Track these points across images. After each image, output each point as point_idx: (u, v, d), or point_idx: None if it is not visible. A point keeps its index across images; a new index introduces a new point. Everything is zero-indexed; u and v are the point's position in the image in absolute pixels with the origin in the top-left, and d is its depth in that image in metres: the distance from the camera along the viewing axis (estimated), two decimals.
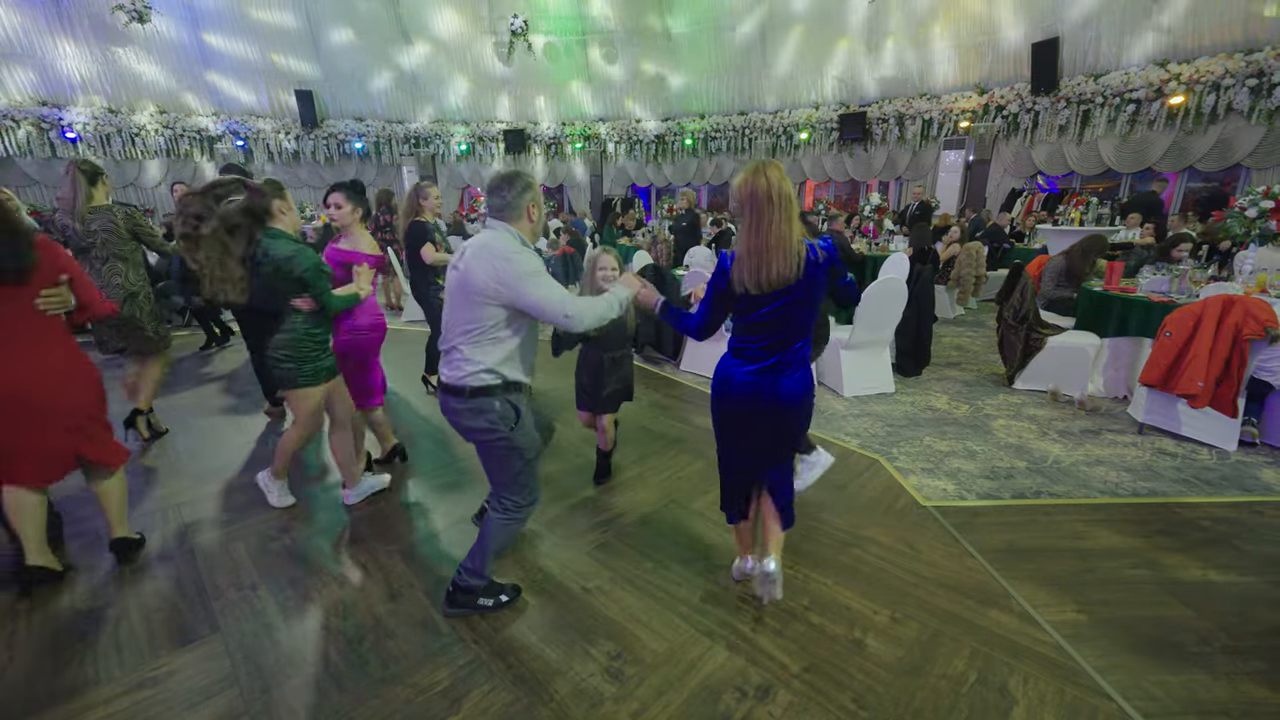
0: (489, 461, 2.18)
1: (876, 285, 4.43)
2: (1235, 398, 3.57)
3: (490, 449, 2.12)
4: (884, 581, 2.49)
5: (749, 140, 13.94)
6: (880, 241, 8.51)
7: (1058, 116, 9.94)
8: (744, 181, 1.92)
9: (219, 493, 3.26)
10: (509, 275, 1.93)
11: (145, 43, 12.12)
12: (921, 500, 3.14)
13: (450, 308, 2.05)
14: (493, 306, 1.97)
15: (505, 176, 2.04)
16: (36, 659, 2.08)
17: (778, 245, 1.88)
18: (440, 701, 1.90)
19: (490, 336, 1.99)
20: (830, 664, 2.05)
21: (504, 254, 1.95)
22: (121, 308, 3.58)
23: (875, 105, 12.19)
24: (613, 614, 2.29)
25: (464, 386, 2.01)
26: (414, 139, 15.25)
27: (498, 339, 2.00)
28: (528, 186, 2.05)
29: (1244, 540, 2.78)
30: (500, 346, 2.01)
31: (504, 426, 2.05)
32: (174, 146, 12.94)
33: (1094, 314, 4.73)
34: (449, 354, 2.06)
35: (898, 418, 4.29)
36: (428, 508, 3.13)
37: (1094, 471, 3.46)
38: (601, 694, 1.93)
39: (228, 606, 2.35)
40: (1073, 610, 2.31)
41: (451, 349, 2.05)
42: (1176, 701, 1.90)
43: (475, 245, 2.02)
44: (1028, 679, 1.98)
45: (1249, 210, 4.48)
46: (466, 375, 2.01)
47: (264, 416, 4.35)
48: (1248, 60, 8.07)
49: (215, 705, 1.89)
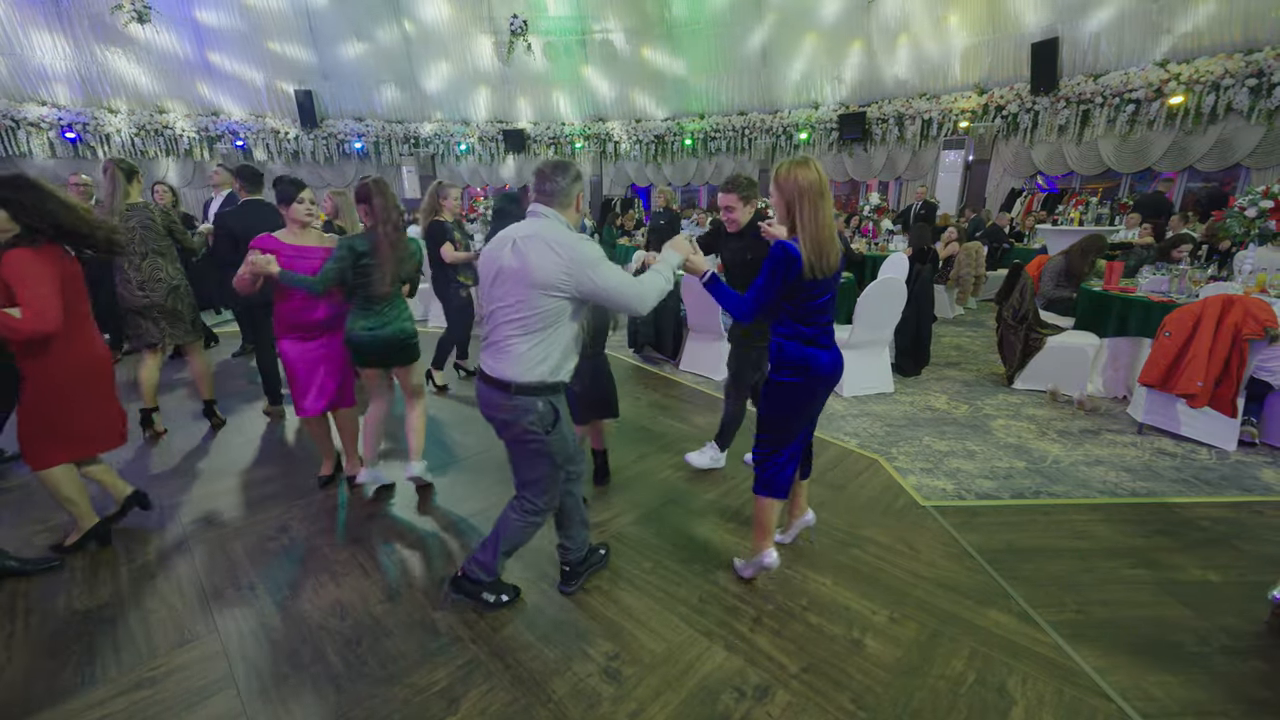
0: (519, 460, 2.16)
1: (876, 285, 4.43)
2: (1234, 398, 3.57)
3: (523, 448, 2.10)
4: (883, 581, 2.49)
5: (749, 140, 13.93)
6: (879, 241, 8.51)
7: (1057, 116, 9.94)
8: (793, 175, 2.03)
9: (217, 493, 3.26)
10: (577, 264, 1.89)
11: (145, 43, 12.11)
12: (920, 500, 3.14)
13: (495, 300, 2.00)
14: (557, 298, 1.93)
15: (557, 164, 2.01)
16: (34, 659, 2.07)
17: (832, 232, 2.06)
18: (438, 702, 1.89)
19: (546, 330, 1.96)
20: (829, 664, 2.04)
21: (567, 243, 1.91)
22: (166, 300, 3.76)
23: (875, 105, 12.18)
24: (611, 614, 2.29)
25: (510, 382, 1.98)
26: (414, 139, 15.25)
27: (552, 333, 1.98)
28: (579, 176, 2.05)
29: (1243, 540, 2.78)
30: (555, 341, 1.99)
31: (542, 428, 2.03)
32: (173, 146, 12.94)
33: (1093, 314, 4.73)
34: (495, 347, 2.02)
35: (897, 418, 4.29)
36: (425, 508, 3.12)
37: (1093, 471, 3.45)
38: (599, 694, 1.92)
39: (225, 607, 2.34)
40: (1072, 610, 2.31)
41: (499, 342, 2.00)
42: (1175, 702, 1.90)
43: (523, 235, 1.95)
44: (1026, 679, 1.98)
45: (1248, 210, 4.47)
46: (515, 370, 1.97)
47: (263, 416, 4.34)
48: (1247, 60, 8.07)
49: (213, 706, 1.89)
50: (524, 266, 1.91)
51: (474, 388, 2.48)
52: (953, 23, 10.85)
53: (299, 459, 3.66)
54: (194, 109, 13.23)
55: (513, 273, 1.93)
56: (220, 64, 13.22)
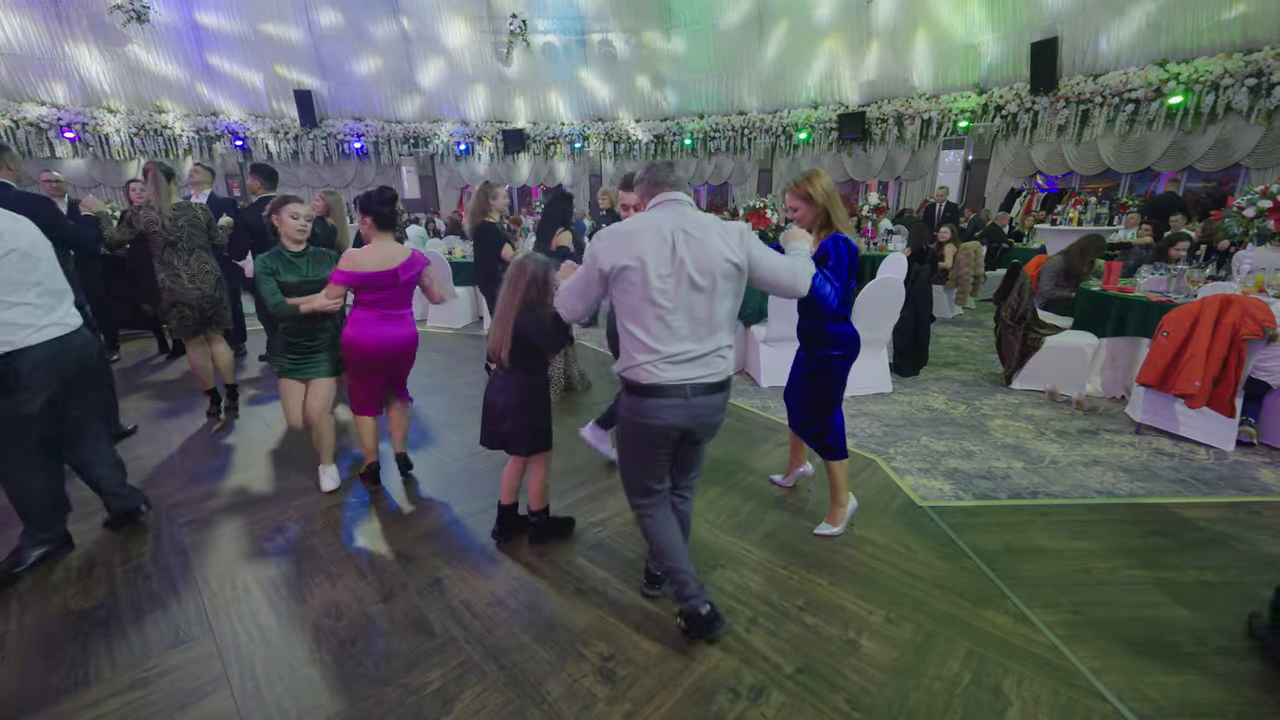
0: (702, 453, 2.19)
1: (874, 285, 4.42)
2: (1233, 398, 3.56)
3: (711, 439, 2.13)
4: (879, 582, 2.48)
5: (748, 140, 13.93)
6: (878, 241, 8.51)
7: (1057, 116, 9.93)
8: (821, 183, 2.49)
9: (212, 493, 3.25)
10: (751, 248, 1.89)
11: (145, 43, 12.11)
12: (918, 500, 3.14)
13: (693, 307, 1.84)
14: (738, 286, 1.91)
15: (668, 161, 2.15)
16: (28, 660, 2.07)
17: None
18: (433, 702, 1.89)
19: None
20: (824, 665, 2.04)
21: (738, 229, 1.89)
22: (214, 290, 4.07)
23: (874, 105, 12.18)
24: (606, 614, 2.29)
25: (728, 379, 1.99)
26: (413, 139, 15.24)
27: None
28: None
29: (1241, 541, 2.77)
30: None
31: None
32: (172, 146, 12.95)
33: (1092, 314, 4.73)
34: (712, 355, 1.91)
35: (895, 418, 4.28)
36: (422, 509, 3.12)
37: (1091, 472, 3.45)
38: (594, 695, 1.92)
39: (220, 607, 2.34)
40: (1068, 611, 2.30)
41: (716, 349, 1.91)
42: (1172, 703, 1.89)
43: (698, 227, 1.82)
44: (1022, 680, 1.97)
45: (1247, 210, 4.47)
46: (728, 366, 1.98)
47: (255, 415, 4.34)
48: (1247, 60, 8.06)
49: (207, 706, 1.88)
50: (748, 266, 1.88)
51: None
52: (953, 23, 10.85)
53: (295, 460, 3.66)
54: (193, 109, 13.23)
55: (724, 271, 1.83)
56: (220, 64, 13.22)
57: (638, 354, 1.89)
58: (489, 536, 2.80)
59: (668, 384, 1.87)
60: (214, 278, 4.06)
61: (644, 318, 1.84)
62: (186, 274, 3.92)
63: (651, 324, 1.84)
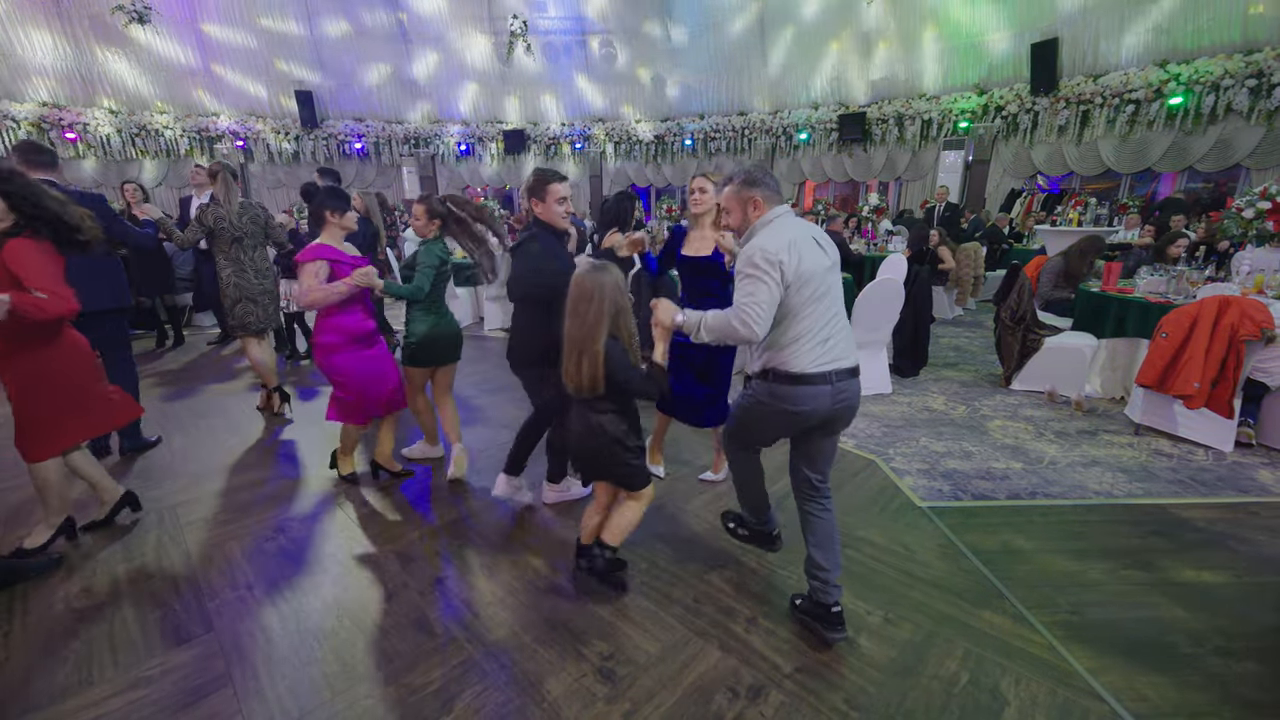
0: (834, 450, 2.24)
1: (873, 286, 4.44)
2: (1231, 399, 3.57)
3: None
4: (878, 582, 2.49)
5: (749, 141, 13.93)
6: (878, 242, 8.51)
7: (1057, 117, 9.93)
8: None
9: (214, 493, 3.27)
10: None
11: (146, 43, 12.12)
12: (917, 501, 3.15)
13: (834, 299, 2.08)
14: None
15: (761, 165, 2.31)
16: (32, 658, 2.08)
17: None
18: (433, 702, 1.90)
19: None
20: (823, 664, 2.05)
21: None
22: (274, 286, 4.26)
23: (875, 106, 12.18)
24: (606, 614, 2.30)
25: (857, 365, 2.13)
26: (413, 139, 15.25)
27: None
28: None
29: (1239, 542, 2.78)
30: None
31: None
32: (173, 147, 12.96)
33: (1091, 315, 4.74)
34: (850, 339, 2.12)
35: (894, 418, 4.29)
36: (422, 510, 3.13)
37: (1090, 472, 3.46)
38: (594, 694, 1.93)
39: (222, 606, 2.35)
40: (1066, 611, 2.31)
41: (848, 334, 2.12)
42: (1169, 703, 1.90)
43: (814, 231, 2.07)
44: (1020, 680, 1.98)
45: (1246, 211, 4.48)
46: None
47: (258, 415, 4.35)
48: (1247, 61, 8.06)
49: (209, 705, 1.89)
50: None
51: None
52: (953, 23, 10.85)
53: (297, 459, 3.67)
54: (193, 109, 13.24)
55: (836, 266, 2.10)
56: (220, 65, 13.23)
57: (793, 345, 2.01)
58: (489, 536, 2.81)
59: (817, 373, 2.02)
60: (273, 273, 4.25)
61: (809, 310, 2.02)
62: (253, 269, 4.08)
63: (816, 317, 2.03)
